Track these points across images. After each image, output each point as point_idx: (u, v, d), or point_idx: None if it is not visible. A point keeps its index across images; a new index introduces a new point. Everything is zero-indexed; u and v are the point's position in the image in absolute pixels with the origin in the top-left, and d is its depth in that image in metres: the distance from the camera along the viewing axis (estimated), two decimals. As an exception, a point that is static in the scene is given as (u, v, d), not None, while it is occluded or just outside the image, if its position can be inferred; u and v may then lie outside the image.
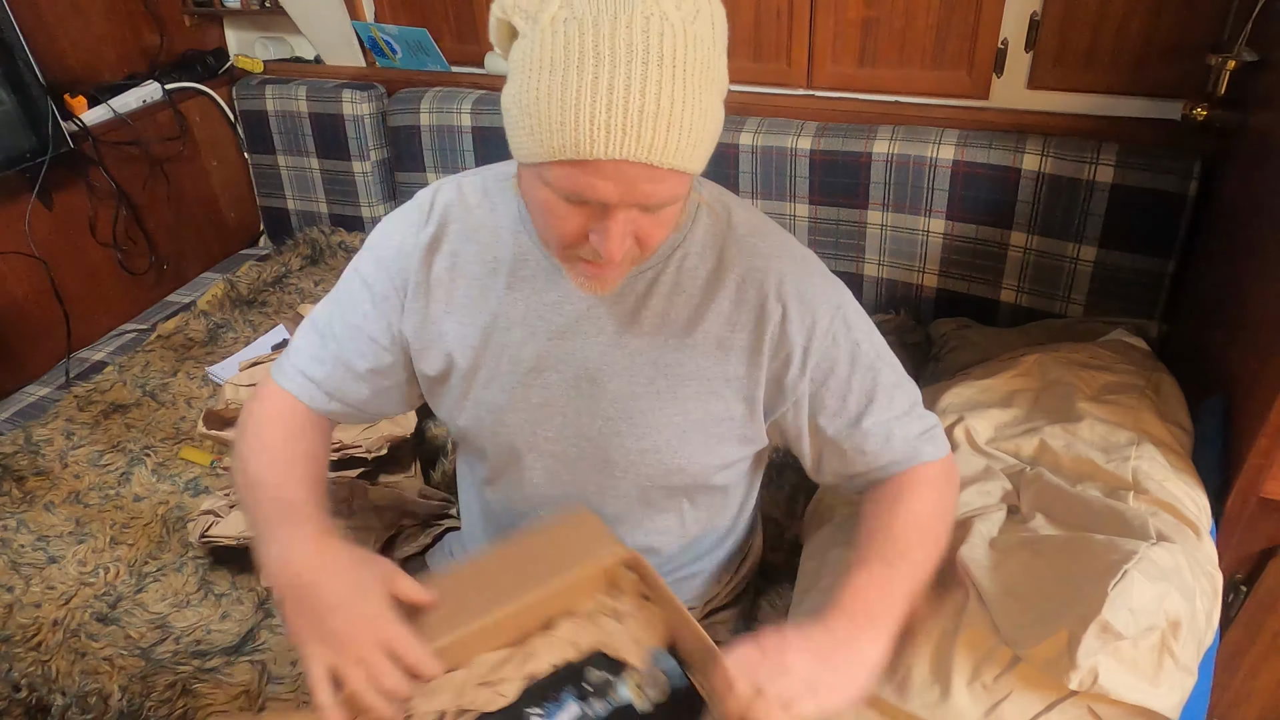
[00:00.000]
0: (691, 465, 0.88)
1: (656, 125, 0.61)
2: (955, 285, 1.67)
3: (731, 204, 0.87)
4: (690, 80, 0.62)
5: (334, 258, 2.25)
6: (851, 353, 0.85)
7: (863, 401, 0.85)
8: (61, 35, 1.97)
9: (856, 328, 0.85)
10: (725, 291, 0.83)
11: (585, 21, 0.61)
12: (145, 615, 1.27)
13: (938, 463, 0.89)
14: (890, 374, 0.87)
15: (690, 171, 0.66)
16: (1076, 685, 0.75)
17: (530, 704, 0.74)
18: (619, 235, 0.67)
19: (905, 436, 0.87)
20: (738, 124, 1.74)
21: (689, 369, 0.84)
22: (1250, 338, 1.03)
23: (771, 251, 0.84)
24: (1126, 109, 1.51)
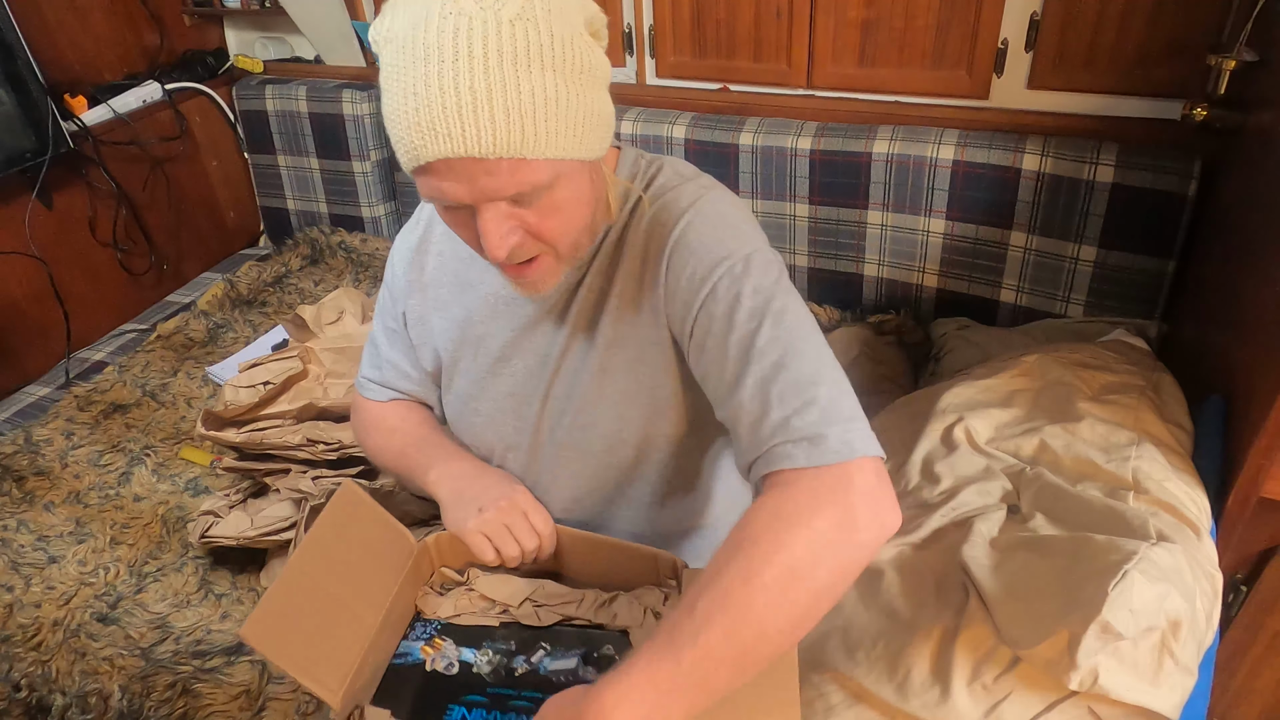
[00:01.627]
0: (633, 436, 0.87)
1: (464, 118, 0.63)
2: (955, 285, 1.67)
3: (663, 165, 0.86)
4: (501, 68, 0.63)
5: (334, 258, 2.25)
6: (731, 309, 0.74)
7: (738, 365, 0.72)
8: (61, 35, 1.97)
9: (745, 281, 0.74)
10: (633, 249, 0.82)
11: (397, 39, 0.65)
12: (145, 615, 1.27)
13: (830, 470, 0.66)
14: (777, 337, 0.72)
15: (532, 157, 0.65)
16: (1077, 685, 0.75)
17: (549, 639, 0.83)
18: (493, 232, 0.69)
19: (784, 420, 0.68)
20: (738, 124, 1.74)
21: (610, 336, 0.84)
22: (1250, 338, 1.03)
23: (678, 203, 0.81)
24: (1126, 109, 1.51)
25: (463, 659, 0.83)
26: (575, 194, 0.73)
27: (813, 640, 0.94)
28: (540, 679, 0.80)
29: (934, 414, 1.14)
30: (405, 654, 0.84)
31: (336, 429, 1.43)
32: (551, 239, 0.73)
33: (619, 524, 0.96)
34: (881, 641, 0.88)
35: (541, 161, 0.67)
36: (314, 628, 0.77)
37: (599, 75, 0.70)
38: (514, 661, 0.82)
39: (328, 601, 0.79)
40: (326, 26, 2.18)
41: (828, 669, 0.90)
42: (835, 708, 0.87)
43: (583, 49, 0.68)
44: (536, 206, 0.70)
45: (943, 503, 1.00)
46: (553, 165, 0.68)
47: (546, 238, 0.73)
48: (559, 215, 0.72)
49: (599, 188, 0.78)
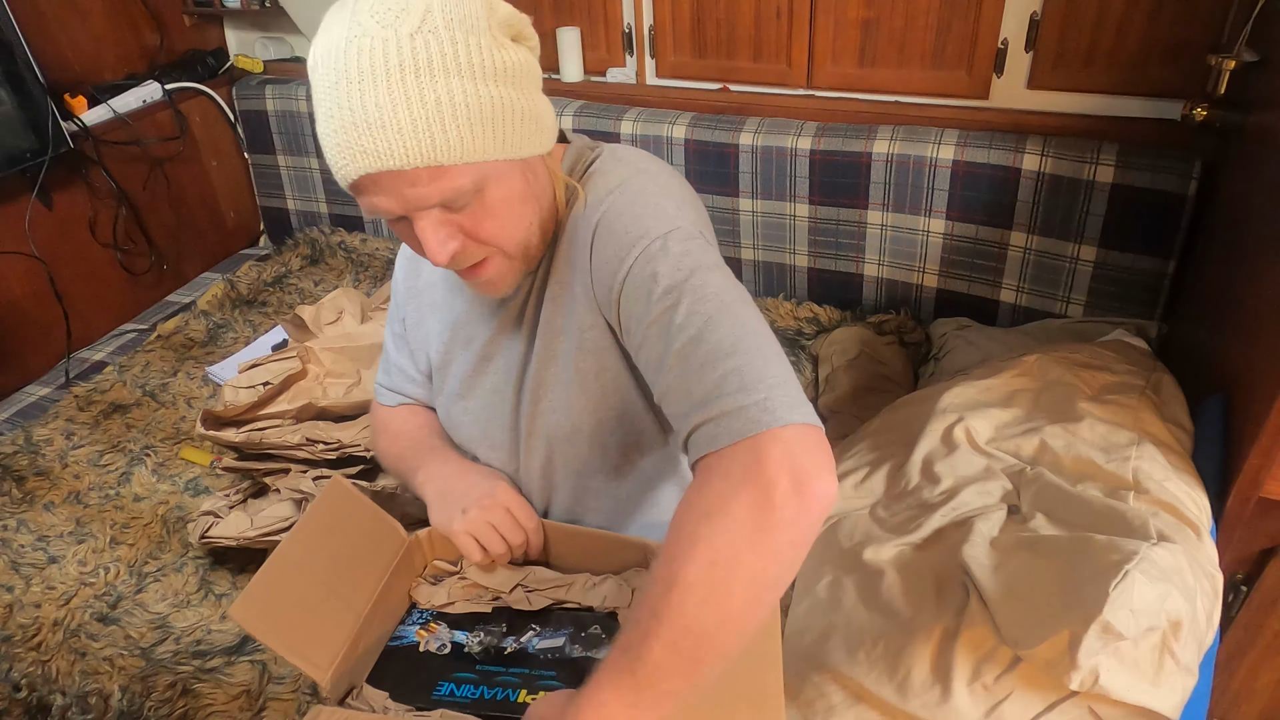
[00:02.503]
0: (584, 423, 0.87)
1: (374, 133, 0.65)
2: (955, 285, 1.67)
3: (603, 151, 0.85)
4: (404, 81, 0.65)
5: (334, 258, 2.25)
6: (648, 287, 0.71)
7: (661, 342, 0.69)
8: (61, 35, 1.97)
9: (663, 259, 0.71)
10: (566, 236, 0.83)
11: (319, 66, 0.67)
12: (145, 615, 1.27)
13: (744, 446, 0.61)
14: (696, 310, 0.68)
15: (449, 163, 0.67)
16: (1077, 685, 0.75)
17: (539, 622, 0.85)
18: (431, 240, 0.72)
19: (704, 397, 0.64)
20: (738, 124, 1.74)
21: (556, 324, 0.85)
22: (1250, 337, 1.03)
23: (605, 185, 0.79)
24: (1126, 109, 1.51)
25: (455, 640, 0.85)
26: (508, 194, 0.74)
27: (813, 640, 0.94)
28: (528, 656, 0.82)
29: (934, 414, 1.14)
30: (400, 637, 0.87)
31: (336, 429, 1.43)
32: (492, 240, 0.75)
33: (592, 512, 0.97)
34: (882, 641, 0.88)
35: (460, 166, 0.68)
36: (303, 609, 0.78)
37: (518, 75, 0.71)
38: (504, 642, 0.84)
39: (317, 585, 0.80)
40: (326, 26, 2.17)
41: (828, 669, 0.90)
42: (835, 708, 0.87)
43: (492, 52, 0.69)
44: (469, 211, 0.72)
45: (943, 503, 1.00)
46: (474, 169, 0.69)
47: (486, 239, 0.75)
48: (494, 217, 0.74)
49: (539, 185, 0.78)
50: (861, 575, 0.97)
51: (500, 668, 0.81)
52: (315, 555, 0.82)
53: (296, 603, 0.78)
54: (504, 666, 0.81)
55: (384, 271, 2.16)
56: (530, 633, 0.84)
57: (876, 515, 1.06)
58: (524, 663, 0.81)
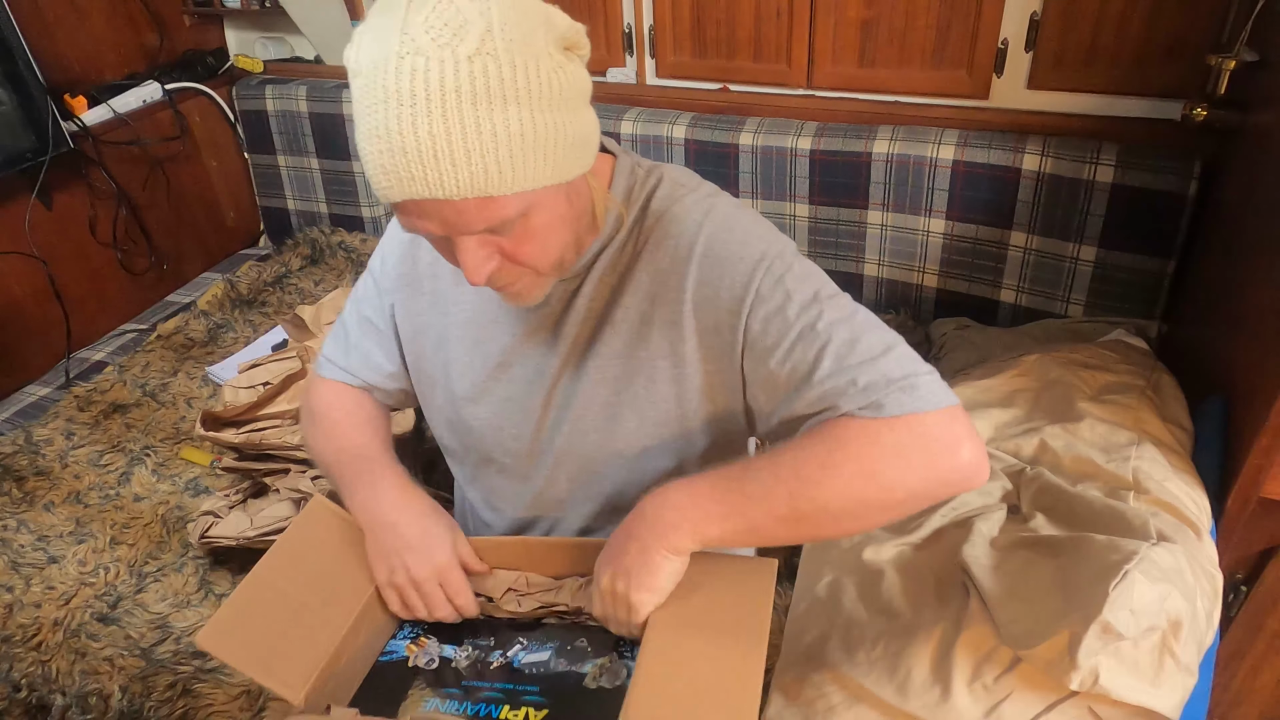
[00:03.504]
0: (628, 448, 0.86)
1: (425, 162, 0.62)
2: (955, 285, 1.67)
3: (663, 176, 0.85)
4: (460, 109, 0.61)
5: (334, 258, 2.25)
6: (782, 305, 0.75)
7: (810, 351, 0.73)
8: (61, 35, 1.97)
9: (788, 277, 0.76)
10: (642, 264, 0.82)
11: (363, 74, 0.63)
12: (145, 615, 1.27)
13: (909, 418, 0.69)
14: (843, 317, 0.75)
15: (499, 194, 0.65)
16: (1077, 686, 0.75)
17: (526, 630, 0.86)
18: (470, 262, 0.70)
19: (871, 383, 0.71)
20: (738, 124, 1.74)
21: (614, 348, 0.83)
22: (1250, 338, 1.03)
23: (689, 214, 0.81)
24: (1126, 109, 1.51)
25: (443, 655, 0.85)
26: (551, 218, 0.72)
27: (813, 640, 0.94)
28: (514, 671, 0.83)
29: (934, 414, 1.14)
30: (391, 652, 0.87)
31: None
32: (529, 261, 0.73)
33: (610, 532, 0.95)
34: (882, 642, 0.88)
35: (510, 196, 0.66)
36: (276, 632, 0.78)
37: (572, 95, 0.69)
38: (490, 656, 0.84)
39: (291, 605, 0.80)
40: (326, 26, 2.18)
41: (828, 669, 0.90)
42: (835, 708, 0.87)
43: (550, 73, 0.66)
44: (512, 234, 0.70)
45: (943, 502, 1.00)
46: (522, 197, 0.67)
47: (524, 261, 0.73)
48: (535, 240, 0.72)
49: (581, 204, 0.77)
50: (861, 575, 0.97)
51: (485, 683, 0.82)
52: (290, 576, 0.82)
53: (269, 624, 0.78)
54: (489, 682, 0.82)
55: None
56: (517, 646, 0.85)
57: (876, 515, 1.06)
58: (509, 678, 0.82)
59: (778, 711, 0.92)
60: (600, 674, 0.80)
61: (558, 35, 0.67)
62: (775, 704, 0.93)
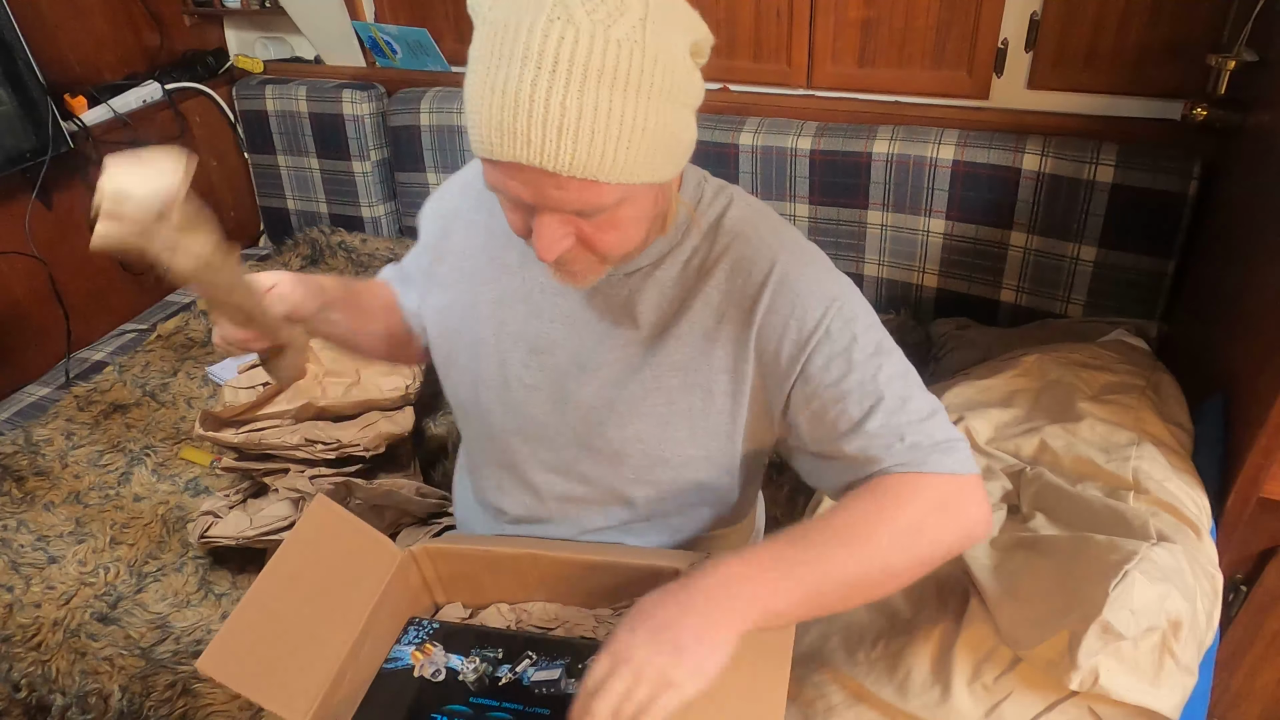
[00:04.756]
0: (675, 457, 0.86)
1: (547, 132, 0.61)
2: (955, 285, 1.67)
3: (734, 197, 0.86)
4: (598, 88, 0.61)
5: (334, 258, 2.25)
6: (848, 348, 0.78)
7: (866, 401, 0.77)
8: (61, 35, 1.97)
9: (856, 322, 0.79)
10: (714, 282, 0.82)
11: (499, 24, 0.62)
12: (145, 615, 1.27)
13: (948, 477, 0.76)
14: (899, 373, 0.79)
15: (606, 181, 0.64)
16: (1077, 685, 0.75)
17: (535, 648, 0.85)
18: (547, 237, 0.69)
19: (916, 442, 0.76)
20: (738, 124, 1.74)
21: (675, 359, 0.83)
22: (1250, 338, 1.03)
23: (764, 240, 0.82)
24: (1126, 109, 1.51)
25: (449, 665, 0.84)
26: (638, 213, 0.72)
27: (813, 640, 0.94)
28: (523, 690, 0.81)
29: (934, 414, 1.14)
30: (397, 659, 0.85)
31: (335, 428, 1.43)
32: (605, 251, 0.73)
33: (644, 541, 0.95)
34: (882, 642, 0.88)
35: (613, 185, 0.66)
36: (278, 653, 0.76)
37: (691, 99, 0.69)
38: (499, 670, 0.83)
39: (293, 625, 0.78)
40: (326, 26, 2.17)
41: (828, 669, 0.90)
42: (836, 708, 0.87)
43: (682, 74, 0.66)
44: (600, 220, 0.69)
45: (943, 503, 1.00)
46: (623, 189, 0.67)
47: (599, 249, 0.72)
48: (618, 231, 0.71)
49: (665, 203, 0.78)
50: (861, 575, 0.97)
51: (494, 701, 0.80)
52: (290, 591, 0.79)
53: (270, 644, 0.76)
54: (497, 700, 0.80)
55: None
56: (526, 661, 0.83)
57: (876, 515, 1.06)
58: (518, 697, 0.80)
59: (778, 711, 0.92)
60: None
61: (694, 40, 0.67)
62: (775, 704, 0.93)
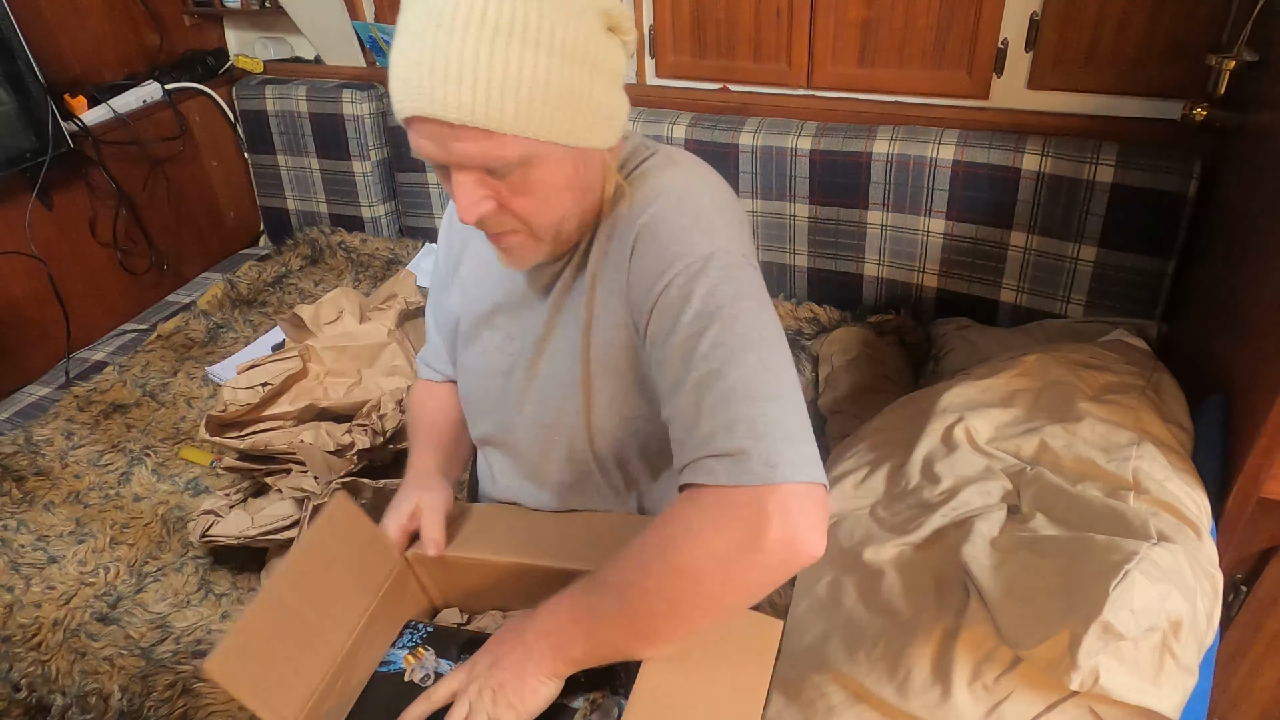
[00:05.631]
0: (608, 422, 0.86)
1: (436, 81, 0.65)
2: (955, 285, 1.67)
3: (657, 151, 0.85)
4: (493, 40, 0.64)
5: (334, 258, 2.25)
6: (680, 307, 0.71)
7: (679, 370, 0.70)
8: (61, 35, 1.97)
9: (701, 283, 0.71)
10: (608, 232, 0.82)
11: (413, 2, 0.67)
12: (145, 615, 1.27)
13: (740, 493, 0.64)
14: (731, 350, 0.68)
15: (499, 130, 0.66)
16: (1077, 686, 0.75)
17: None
18: (463, 197, 0.71)
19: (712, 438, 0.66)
20: (738, 124, 1.74)
21: (587, 317, 0.84)
22: (1250, 338, 1.03)
23: (653, 187, 0.79)
24: (1126, 109, 1.51)
25: (439, 671, 0.84)
26: (553, 178, 0.73)
27: (813, 640, 0.94)
28: None
29: (934, 414, 1.14)
30: (390, 661, 0.86)
31: (338, 429, 1.43)
32: (524, 216, 0.74)
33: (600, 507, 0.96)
34: (882, 642, 0.88)
35: (511, 138, 0.68)
36: (279, 657, 0.77)
37: (601, 66, 0.70)
38: None
39: (297, 626, 0.79)
40: (326, 26, 2.17)
41: (828, 669, 0.90)
42: (836, 708, 0.87)
43: (585, 36, 0.68)
44: (510, 181, 0.72)
45: (943, 503, 1.00)
46: (524, 144, 0.68)
47: (518, 214, 0.74)
48: (533, 195, 0.73)
49: (589, 176, 0.77)
50: (861, 575, 0.97)
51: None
52: (302, 590, 0.80)
53: (274, 649, 0.76)
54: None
55: (384, 271, 2.16)
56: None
57: (876, 515, 1.06)
58: None
59: (778, 712, 0.92)
60: (591, 710, 0.77)
61: (601, 9, 0.70)
62: (775, 704, 0.93)
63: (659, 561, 0.67)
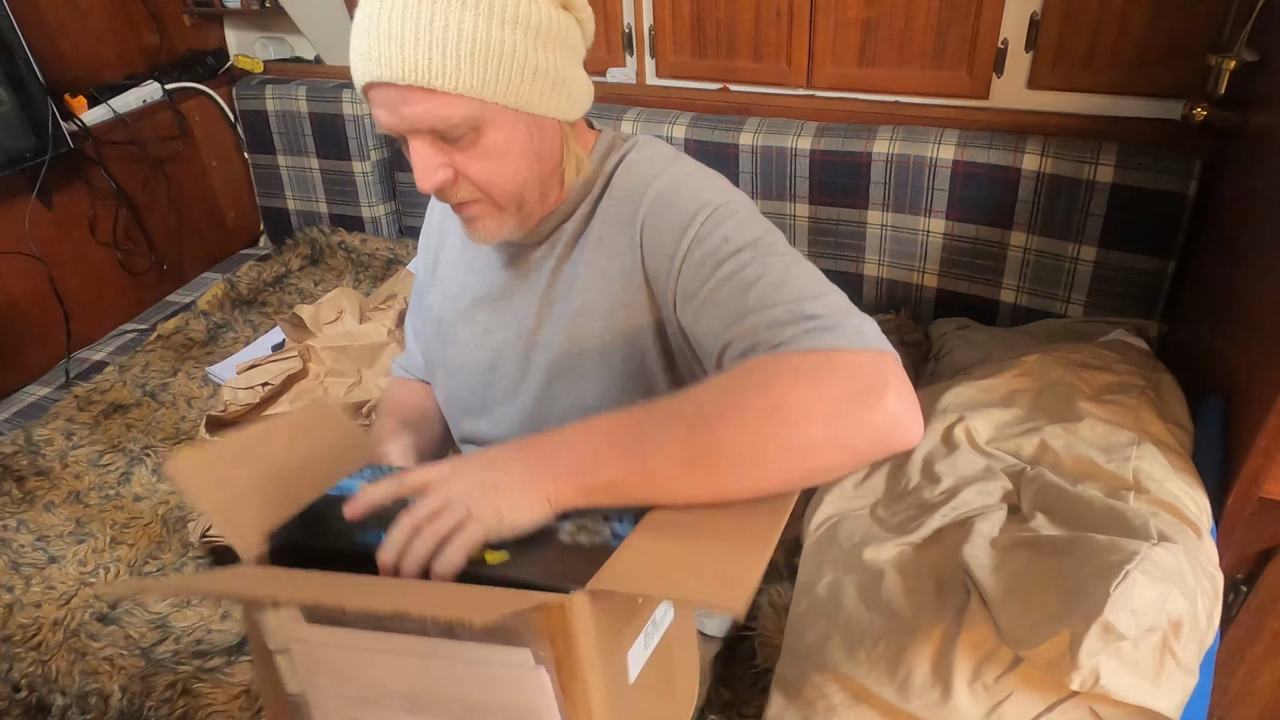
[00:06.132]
0: (601, 404, 0.85)
1: (380, 45, 0.69)
2: (955, 285, 1.67)
3: (636, 144, 0.87)
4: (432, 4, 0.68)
5: (334, 258, 2.25)
6: (717, 246, 0.74)
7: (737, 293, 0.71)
8: (61, 35, 1.97)
9: (728, 224, 0.75)
10: (605, 220, 0.83)
11: None
12: (145, 615, 1.27)
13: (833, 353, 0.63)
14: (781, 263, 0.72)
15: (442, 89, 0.69)
16: (1078, 686, 0.75)
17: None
18: (420, 165, 0.74)
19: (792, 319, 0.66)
20: (738, 124, 1.74)
21: (580, 304, 0.84)
22: (1250, 338, 1.03)
23: (649, 170, 0.82)
24: (1126, 109, 1.51)
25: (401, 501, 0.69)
26: (506, 143, 0.75)
27: (813, 640, 0.94)
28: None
29: (934, 414, 1.14)
30: (345, 489, 0.72)
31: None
32: (480, 183, 0.76)
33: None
34: (882, 642, 0.88)
35: (454, 97, 0.70)
36: (247, 488, 0.71)
37: (546, 33, 0.74)
38: None
39: (269, 470, 0.73)
40: (326, 26, 2.18)
41: (828, 669, 0.90)
42: (836, 708, 0.87)
43: (530, 7, 0.72)
44: (463, 147, 0.74)
45: (943, 502, 1.00)
46: (468, 104, 0.71)
47: (475, 182, 0.76)
48: (487, 161, 0.75)
49: (545, 145, 0.79)
50: (862, 575, 0.97)
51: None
52: (276, 447, 0.75)
53: (242, 477, 0.71)
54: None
55: (384, 271, 2.16)
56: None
57: (877, 515, 1.06)
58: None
59: (778, 711, 0.92)
60: (578, 531, 0.65)
61: None
62: (775, 704, 0.93)
63: (760, 395, 0.60)
